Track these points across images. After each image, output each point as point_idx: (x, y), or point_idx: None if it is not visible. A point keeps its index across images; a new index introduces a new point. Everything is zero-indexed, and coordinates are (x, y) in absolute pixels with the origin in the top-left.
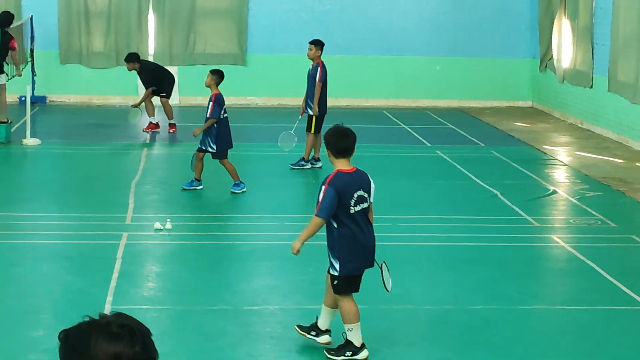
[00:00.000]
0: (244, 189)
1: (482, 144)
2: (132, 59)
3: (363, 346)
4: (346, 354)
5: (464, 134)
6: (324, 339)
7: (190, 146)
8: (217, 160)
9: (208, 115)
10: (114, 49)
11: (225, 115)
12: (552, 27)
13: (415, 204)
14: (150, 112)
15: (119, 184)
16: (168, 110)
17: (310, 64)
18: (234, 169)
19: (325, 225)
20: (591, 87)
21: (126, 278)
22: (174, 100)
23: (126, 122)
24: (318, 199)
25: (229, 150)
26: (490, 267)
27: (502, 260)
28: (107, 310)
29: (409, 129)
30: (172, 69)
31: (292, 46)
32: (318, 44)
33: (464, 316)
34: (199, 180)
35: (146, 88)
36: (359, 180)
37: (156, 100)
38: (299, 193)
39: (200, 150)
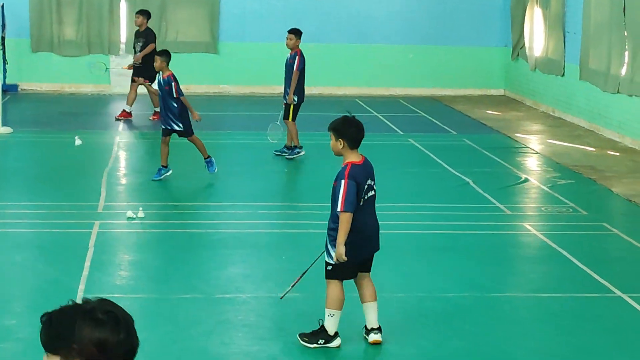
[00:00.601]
0: (216, 169)
1: (455, 132)
2: (144, 13)
3: (336, 335)
4: (319, 342)
5: (437, 122)
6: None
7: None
8: (186, 138)
9: (175, 96)
10: (86, 38)
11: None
12: (524, 15)
13: (387, 192)
14: (130, 100)
15: (90, 172)
16: (155, 98)
17: (287, 52)
18: (203, 145)
19: (331, 214)
20: (563, 75)
21: (98, 267)
22: (144, 89)
23: (98, 111)
24: (340, 194)
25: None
26: (462, 255)
27: (474, 248)
28: (80, 298)
29: (381, 117)
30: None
31: (264, 34)
32: (297, 33)
33: (436, 304)
34: (166, 167)
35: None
36: (368, 170)
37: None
38: (272, 181)
39: (167, 133)
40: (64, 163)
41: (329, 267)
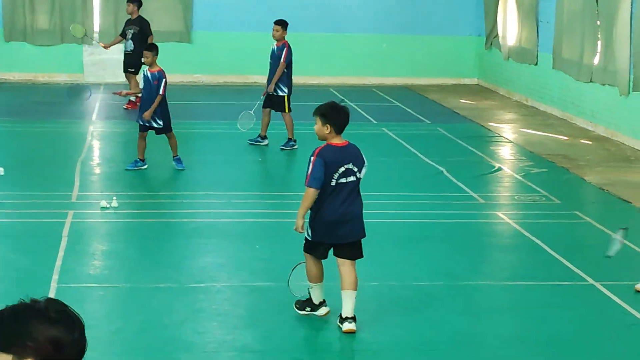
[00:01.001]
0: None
1: (428, 121)
2: (134, 0)
3: (322, 304)
4: (306, 309)
5: (410, 111)
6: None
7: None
8: (164, 134)
9: (161, 92)
10: (59, 27)
11: None
12: (498, 4)
13: (361, 181)
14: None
15: (64, 162)
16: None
17: (268, 42)
18: (176, 144)
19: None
20: (536, 64)
21: (72, 256)
22: (119, 78)
23: (72, 100)
24: (307, 171)
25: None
26: (435, 244)
27: (448, 237)
28: (54, 288)
29: (355, 107)
30: (118, 47)
31: (238, 24)
32: (284, 24)
33: (409, 292)
34: (142, 160)
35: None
36: (349, 154)
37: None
38: (245, 170)
39: (145, 128)
40: (38, 153)
41: (305, 242)
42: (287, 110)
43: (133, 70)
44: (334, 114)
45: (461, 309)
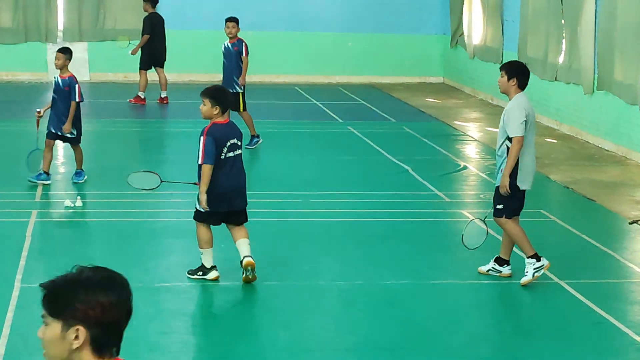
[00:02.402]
0: (86, 177)
1: (394, 120)
2: None
3: (213, 268)
4: (198, 274)
5: (376, 109)
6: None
7: (104, 122)
8: (71, 145)
9: (78, 100)
10: (23, 25)
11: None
12: (463, 3)
13: (326, 180)
14: (142, 86)
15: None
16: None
17: (225, 40)
18: (82, 157)
19: (198, 168)
20: (501, 62)
21: (36, 256)
22: (84, 76)
23: (35, 99)
24: (199, 149)
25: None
26: (401, 243)
27: (413, 236)
28: (17, 288)
29: (320, 105)
30: (82, 45)
31: (203, 22)
32: (237, 21)
33: (375, 291)
34: (47, 174)
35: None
36: (233, 130)
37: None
38: None
39: (54, 137)
40: (1, 152)
41: (195, 211)
42: (242, 109)
43: (141, 66)
44: (223, 97)
45: (427, 307)
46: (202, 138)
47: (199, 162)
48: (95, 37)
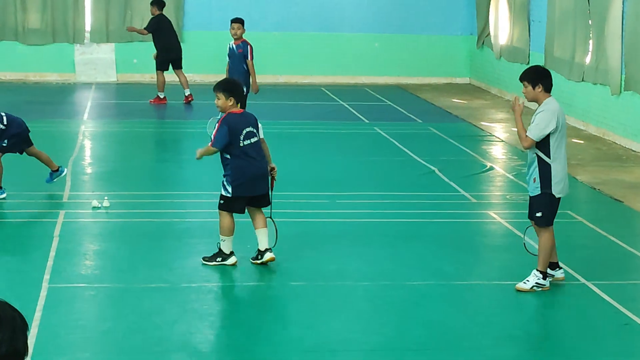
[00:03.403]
0: (64, 172)
1: (420, 121)
2: (153, 3)
3: (232, 254)
4: (217, 259)
5: (402, 110)
6: (267, 256)
7: (131, 123)
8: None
9: None
10: (50, 26)
11: None
12: (489, 3)
13: (353, 180)
14: (160, 86)
15: (55, 161)
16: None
17: (230, 42)
18: (48, 157)
19: (222, 159)
20: (528, 63)
21: (63, 256)
22: (111, 77)
23: (63, 100)
24: (212, 134)
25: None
26: (427, 243)
27: (439, 236)
28: (45, 288)
29: (347, 106)
30: (109, 46)
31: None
32: (243, 22)
33: (401, 292)
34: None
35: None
36: (247, 119)
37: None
38: None
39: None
40: None
41: (222, 201)
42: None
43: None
44: (235, 87)
45: (453, 308)
46: (216, 125)
47: (209, 144)
48: (122, 38)
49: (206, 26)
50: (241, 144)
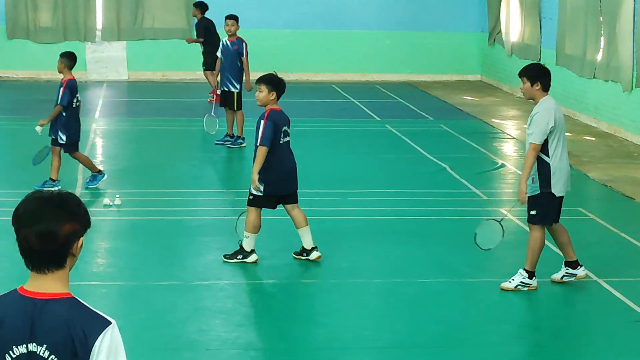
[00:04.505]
0: (104, 177)
1: (431, 118)
2: (197, 5)
3: (253, 252)
4: (238, 257)
5: (413, 107)
6: (314, 255)
7: (142, 121)
8: (69, 154)
9: (58, 102)
10: (62, 24)
11: (78, 104)
12: (500, 0)
13: (364, 178)
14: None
15: (67, 159)
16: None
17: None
18: (88, 160)
19: (255, 149)
20: (539, 60)
21: None
22: (123, 75)
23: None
24: (259, 132)
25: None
26: (439, 241)
27: (451, 234)
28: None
29: (358, 103)
30: (120, 44)
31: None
32: (237, 19)
33: (413, 289)
34: (54, 180)
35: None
36: (286, 117)
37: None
38: (245, 167)
39: (55, 142)
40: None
41: (251, 197)
42: (236, 108)
43: (205, 67)
44: (279, 83)
45: (465, 305)
46: (262, 122)
47: (257, 143)
48: (134, 36)
49: (219, 25)
50: (281, 141)
